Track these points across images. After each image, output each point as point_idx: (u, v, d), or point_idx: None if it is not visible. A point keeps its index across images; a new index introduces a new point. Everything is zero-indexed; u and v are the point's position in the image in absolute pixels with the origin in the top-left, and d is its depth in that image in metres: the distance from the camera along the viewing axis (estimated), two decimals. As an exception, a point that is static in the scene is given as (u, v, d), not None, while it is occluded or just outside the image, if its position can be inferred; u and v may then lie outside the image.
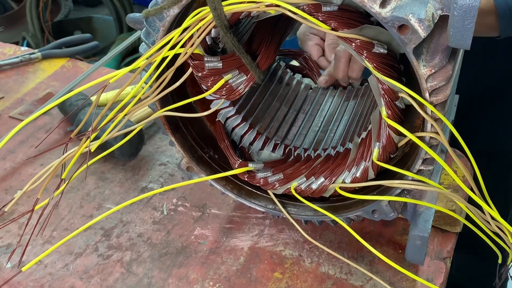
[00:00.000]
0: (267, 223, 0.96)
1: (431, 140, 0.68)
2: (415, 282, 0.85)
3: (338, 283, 0.86)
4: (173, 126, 0.85)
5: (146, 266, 0.89)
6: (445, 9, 0.59)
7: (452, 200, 0.85)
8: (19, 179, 1.06)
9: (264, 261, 0.89)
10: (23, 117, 1.21)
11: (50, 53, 1.44)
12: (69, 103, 1.18)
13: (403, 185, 0.72)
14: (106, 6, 3.13)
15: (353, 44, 0.65)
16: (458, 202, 0.70)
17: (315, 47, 1.09)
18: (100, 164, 1.08)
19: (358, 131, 0.84)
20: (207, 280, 0.87)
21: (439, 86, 0.63)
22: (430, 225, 0.77)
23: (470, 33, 0.57)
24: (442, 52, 0.62)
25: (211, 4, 0.66)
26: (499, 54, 1.16)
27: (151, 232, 0.95)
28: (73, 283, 0.86)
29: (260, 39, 0.79)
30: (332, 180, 0.80)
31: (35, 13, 3.03)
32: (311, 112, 0.98)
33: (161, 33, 0.72)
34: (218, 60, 0.75)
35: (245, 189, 0.90)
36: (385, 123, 0.70)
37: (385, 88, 0.67)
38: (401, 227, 0.94)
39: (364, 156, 0.76)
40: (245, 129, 0.89)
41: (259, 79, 0.77)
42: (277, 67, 1.02)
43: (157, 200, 1.01)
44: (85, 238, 0.93)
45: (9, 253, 0.90)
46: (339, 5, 0.65)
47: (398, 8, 0.59)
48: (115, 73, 0.71)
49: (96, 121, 0.72)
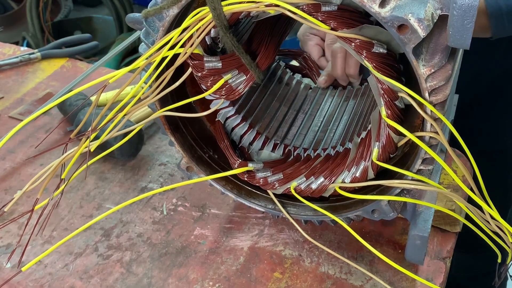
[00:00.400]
0: (267, 223, 0.96)
1: (431, 140, 0.68)
2: (415, 282, 0.85)
3: (338, 283, 0.86)
4: (172, 126, 0.85)
5: (146, 266, 0.89)
6: (444, 9, 0.59)
7: (451, 199, 0.85)
8: (18, 179, 1.06)
9: (264, 261, 0.89)
10: (22, 117, 1.21)
11: (49, 53, 1.44)
12: (69, 103, 1.18)
13: (403, 185, 0.72)
14: (106, 6, 3.14)
15: (353, 44, 0.65)
16: (458, 202, 0.70)
17: (316, 47, 1.09)
18: (99, 164, 1.08)
19: (357, 131, 0.84)
20: (207, 280, 0.87)
21: (438, 86, 0.63)
22: (429, 224, 0.77)
23: (469, 33, 0.57)
24: (441, 52, 0.62)
25: (211, 4, 0.66)
26: (498, 53, 1.16)
27: (151, 232, 0.95)
28: (73, 283, 0.86)
29: (260, 39, 0.79)
30: (331, 180, 0.80)
31: (35, 13, 3.03)
32: (311, 112, 0.98)
33: (161, 33, 0.72)
34: (218, 60, 0.75)
35: (244, 189, 0.90)
36: (385, 123, 0.70)
37: (384, 88, 0.67)
38: (400, 226, 0.94)
39: (364, 156, 0.76)
40: (245, 129, 0.89)
41: (258, 79, 0.77)
42: (277, 67, 1.02)
43: (157, 200, 1.01)
44: (85, 238, 0.93)
45: (9, 253, 0.90)
46: (338, 5, 0.65)
47: (397, 8, 0.59)
48: (115, 73, 0.71)
49: (96, 121, 0.72)
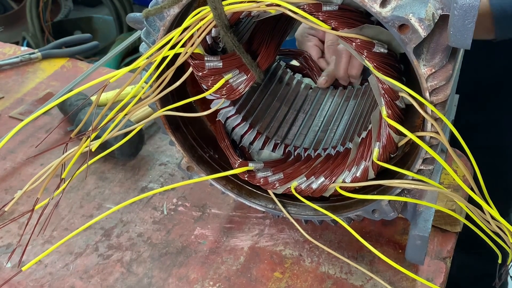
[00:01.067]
0: (267, 222, 0.96)
1: (431, 140, 0.68)
2: (415, 282, 0.85)
3: (338, 283, 0.86)
4: (173, 125, 0.85)
5: (146, 266, 0.89)
6: (445, 9, 0.59)
7: (452, 199, 0.85)
8: (19, 179, 1.06)
9: (264, 261, 0.89)
10: (23, 117, 1.21)
11: (50, 53, 1.44)
12: (69, 103, 1.18)
13: (403, 185, 0.72)
14: (106, 6, 3.14)
15: (354, 44, 0.65)
16: (458, 202, 0.70)
17: (314, 48, 1.08)
18: (100, 164, 1.08)
19: (358, 130, 0.84)
20: (207, 280, 0.87)
21: (439, 86, 0.63)
22: (430, 224, 0.78)
23: (470, 33, 0.57)
24: (442, 52, 0.62)
25: (212, 4, 0.66)
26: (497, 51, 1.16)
27: (151, 232, 0.95)
28: (73, 283, 0.86)
29: (260, 38, 0.79)
30: (332, 179, 0.80)
31: (35, 13, 3.03)
32: (311, 111, 0.98)
33: (162, 33, 0.72)
34: (218, 60, 0.74)
35: (245, 188, 0.90)
36: (385, 123, 0.70)
37: (385, 88, 0.67)
38: (401, 226, 0.94)
39: (364, 155, 0.76)
40: (245, 129, 0.89)
41: (259, 78, 0.77)
42: (277, 66, 1.02)
43: (157, 200, 1.01)
44: (85, 238, 0.93)
45: (9, 253, 0.90)
46: (339, 4, 0.65)
47: (398, 7, 0.59)
48: (115, 73, 0.71)
49: (96, 121, 0.72)
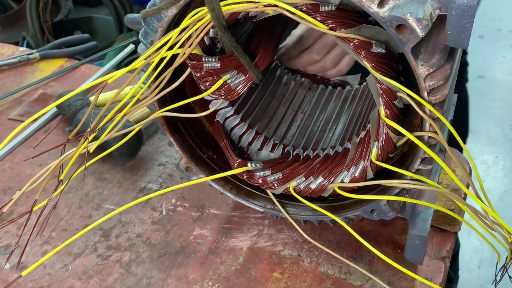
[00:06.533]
0: (266, 223, 0.96)
1: (430, 140, 0.68)
2: (414, 282, 0.85)
3: (337, 283, 0.86)
4: (171, 126, 0.85)
5: (145, 266, 0.89)
6: (443, 9, 0.60)
7: (451, 199, 0.85)
8: (17, 179, 1.06)
9: (263, 261, 0.89)
10: (22, 119, 1.21)
11: (48, 53, 1.43)
12: (68, 104, 1.18)
13: (402, 185, 0.72)
14: (106, 6, 3.13)
15: (351, 44, 0.65)
16: (457, 201, 0.70)
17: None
18: (98, 164, 1.08)
19: (356, 130, 0.84)
20: (206, 280, 0.87)
21: (437, 86, 0.63)
22: (429, 224, 0.78)
23: (468, 33, 0.57)
24: (440, 52, 0.62)
25: (209, 5, 0.66)
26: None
27: (150, 232, 0.95)
28: (72, 284, 0.86)
29: (259, 39, 0.79)
30: (331, 179, 0.80)
31: (35, 13, 3.03)
32: (310, 112, 0.98)
33: (159, 34, 0.72)
34: (217, 60, 0.74)
35: (244, 189, 0.90)
36: (384, 123, 0.70)
37: (383, 88, 0.67)
38: (400, 226, 0.94)
39: (363, 155, 0.76)
40: (244, 129, 0.89)
41: (257, 79, 0.77)
42: (276, 67, 1.02)
43: (156, 200, 1.01)
44: (84, 238, 0.93)
45: (7, 254, 0.90)
46: (337, 5, 0.65)
47: (396, 7, 0.59)
48: (114, 74, 0.71)
49: (95, 122, 0.72)
